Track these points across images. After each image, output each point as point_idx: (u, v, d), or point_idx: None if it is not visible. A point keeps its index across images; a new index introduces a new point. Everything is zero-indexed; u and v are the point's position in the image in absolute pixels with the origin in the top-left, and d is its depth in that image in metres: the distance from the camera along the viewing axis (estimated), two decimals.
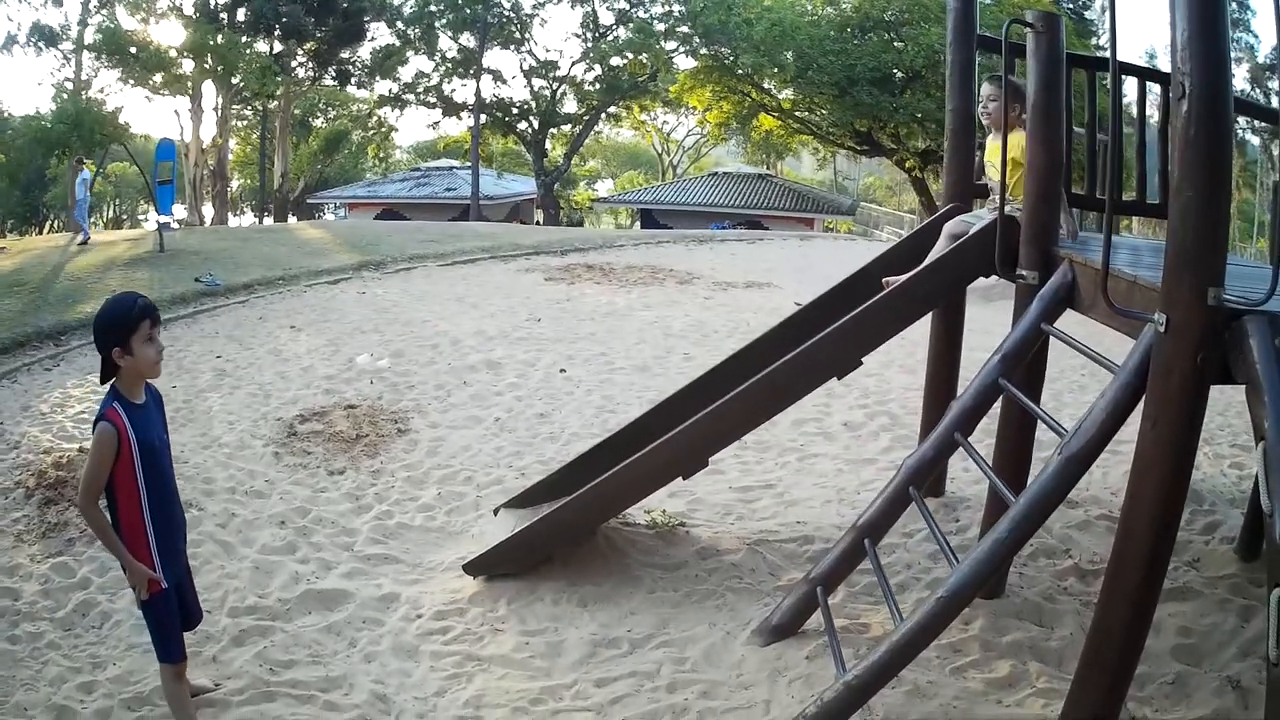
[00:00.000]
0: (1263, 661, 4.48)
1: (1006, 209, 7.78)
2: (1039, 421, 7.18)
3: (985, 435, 8.27)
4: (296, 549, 9.12)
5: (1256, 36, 70.18)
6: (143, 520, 6.00)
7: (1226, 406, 13.55)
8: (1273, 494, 4.48)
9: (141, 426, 5.94)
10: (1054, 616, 7.89)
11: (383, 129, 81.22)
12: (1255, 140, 54.28)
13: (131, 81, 54.32)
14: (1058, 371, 14.92)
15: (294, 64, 63.61)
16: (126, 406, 5.91)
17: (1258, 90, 68.57)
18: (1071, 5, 64.14)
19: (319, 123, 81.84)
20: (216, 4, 58.01)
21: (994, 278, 8.39)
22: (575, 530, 8.71)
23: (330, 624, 7.80)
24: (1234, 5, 68.88)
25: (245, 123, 77.37)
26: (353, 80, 68.37)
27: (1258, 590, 8.14)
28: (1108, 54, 6.28)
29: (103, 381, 6.02)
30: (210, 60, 53.65)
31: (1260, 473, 4.64)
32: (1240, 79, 69.74)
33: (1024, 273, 7.67)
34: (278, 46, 61.44)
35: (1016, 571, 8.56)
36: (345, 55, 65.80)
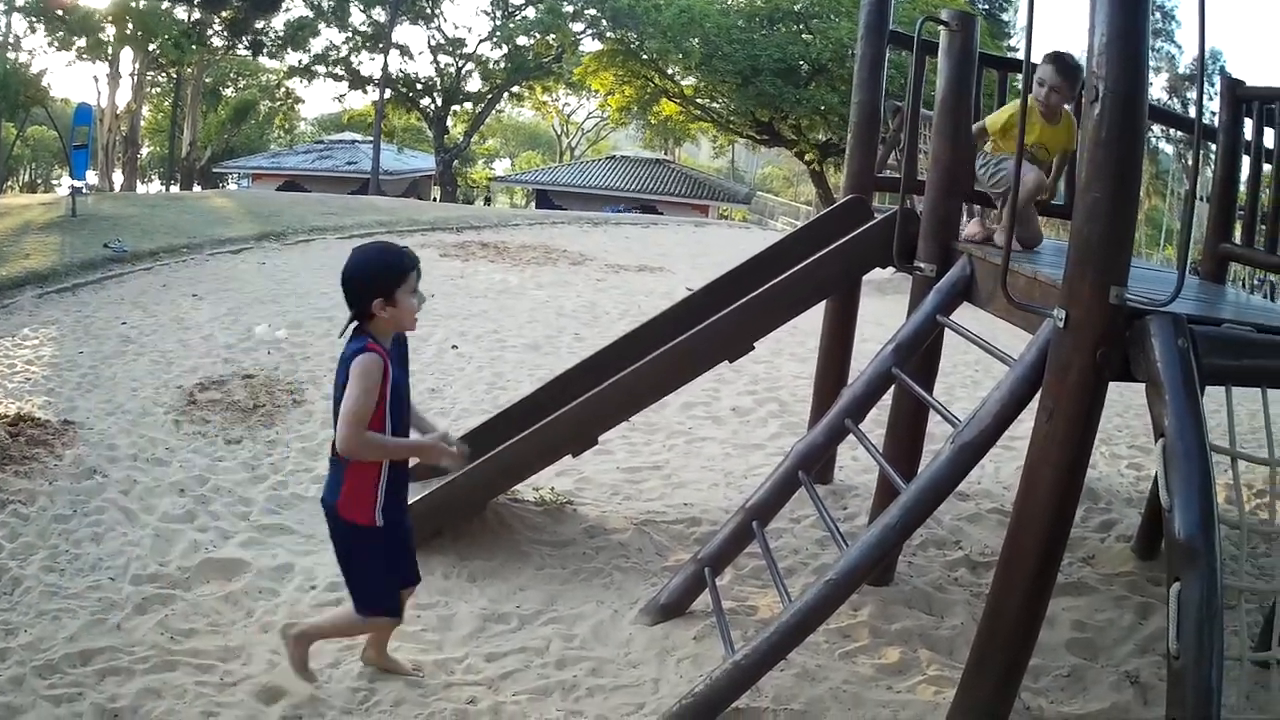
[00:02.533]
0: (1162, 658, 4.54)
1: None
2: (930, 414, 7.30)
3: (876, 426, 8.36)
4: (196, 517, 9.02)
5: (1179, 47, 71.61)
6: (379, 464, 5.92)
7: (1126, 408, 13.82)
8: (1171, 489, 4.59)
9: (396, 363, 5.89)
10: (944, 606, 7.99)
11: (290, 100, 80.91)
12: (1169, 149, 54.97)
13: (56, 45, 53.58)
14: (950, 366, 15.09)
15: (210, 32, 62.94)
16: (380, 346, 5.80)
17: (1175, 99, 69.87)
18: (986, 6, 64.77)
19: (229, 92, 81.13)
20: None
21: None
22: (464, 505, 8.67)
23: (228, 593, 7.72)
24: (1158, 16, 69.92)
25: (158, 90, 76.62)
26: (265, 50, 67.55)
27: (1155, 588, 8.30)
28: (1021, 55, 6.33)
29: (342, 335, 5.99)
30: (131, 25, 52.99)
31: (1160, 469, 4.74)
32: (1158, 88, 70.97)
33: (922, 265, 7.75)
34: (196, 14, 60.77)
35: (906, 560, 8.67)
36: (259, 25, 65.10)
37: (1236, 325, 5.53)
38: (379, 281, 5.79)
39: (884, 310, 16.07)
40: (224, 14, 62.24)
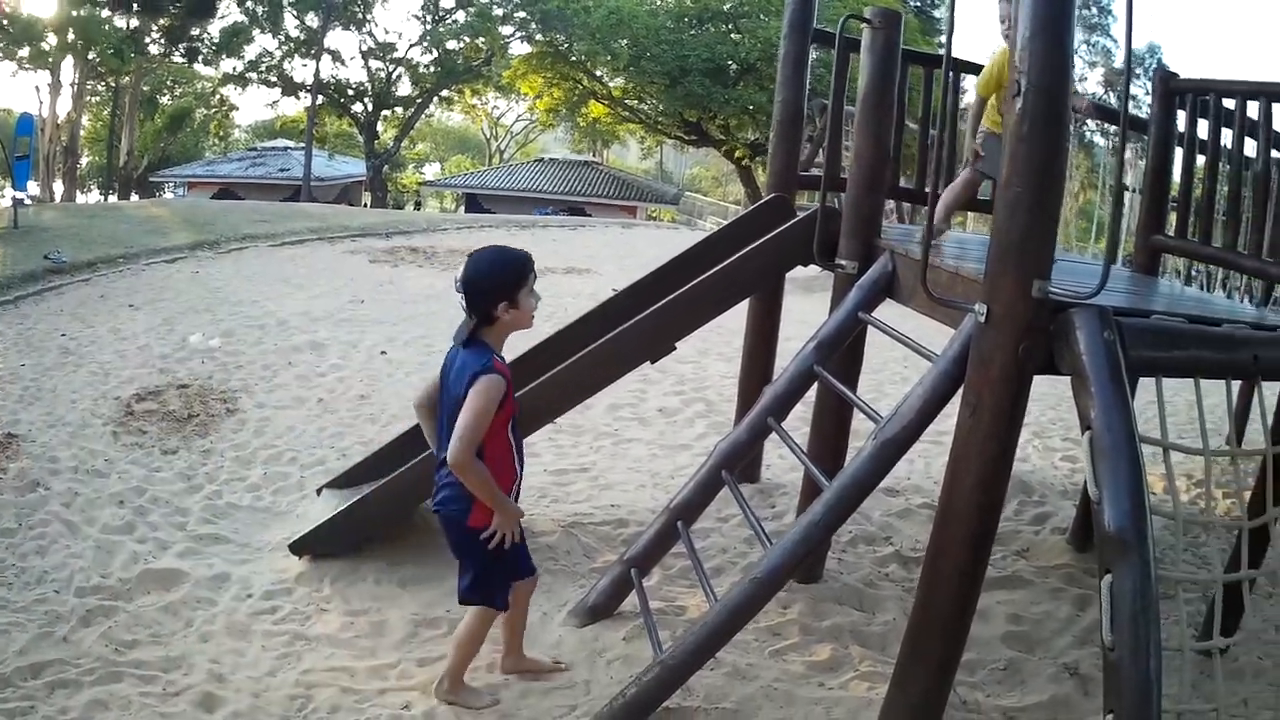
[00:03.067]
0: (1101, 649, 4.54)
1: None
2: (855, 411, 7.28)
3: (802, 424, 8.36)
4: (135, 528, 9.01)
5: (1115, 41, 72.13)
6: (513, 476, 6.08)
7: (1060, 400, 13.91)
8: (1100, 482, 4.59)
9: (512, 382, 5.91)
10: (875, 602, 8.04)
11: (224, 107, 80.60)
12: (1104, 143, 55.41)
13: (1, 55, 53.32)
14: (880, 363, 15.22)
15: (148, 39, 62.55)
16: (503, 362, 5.87)
17: (1112, 94, 70.64)
18: (917, 3, 65.08)
19: (165, 100, 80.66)
20: None
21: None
22: (393, 511, 8.65)
23: (168, 604, 7.72)
24: (1095, 10, 70.58)
25: (97, 99, 76.09)
26: (201, 57, 67.08)
27: (1091, 580, 8.28)
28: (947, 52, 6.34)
29: (467, 341, 5.92)
30: (72, 33, 52.76)
31: (1087, 461, 4.74)
32: (1094, 83, 71.65)
33: (843, 263, 7.75)
34: (134, 21, 60.43)
35: (835, 557, 8.71)
36: (196, 32, 64.70)
37: (1167, 317, 5.54)
38: (504, 284, 5.84)
39: (809, 308, 16.03)
40: (161, 21, 61.97)
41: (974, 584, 5.56)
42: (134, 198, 61.48)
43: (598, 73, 64.10)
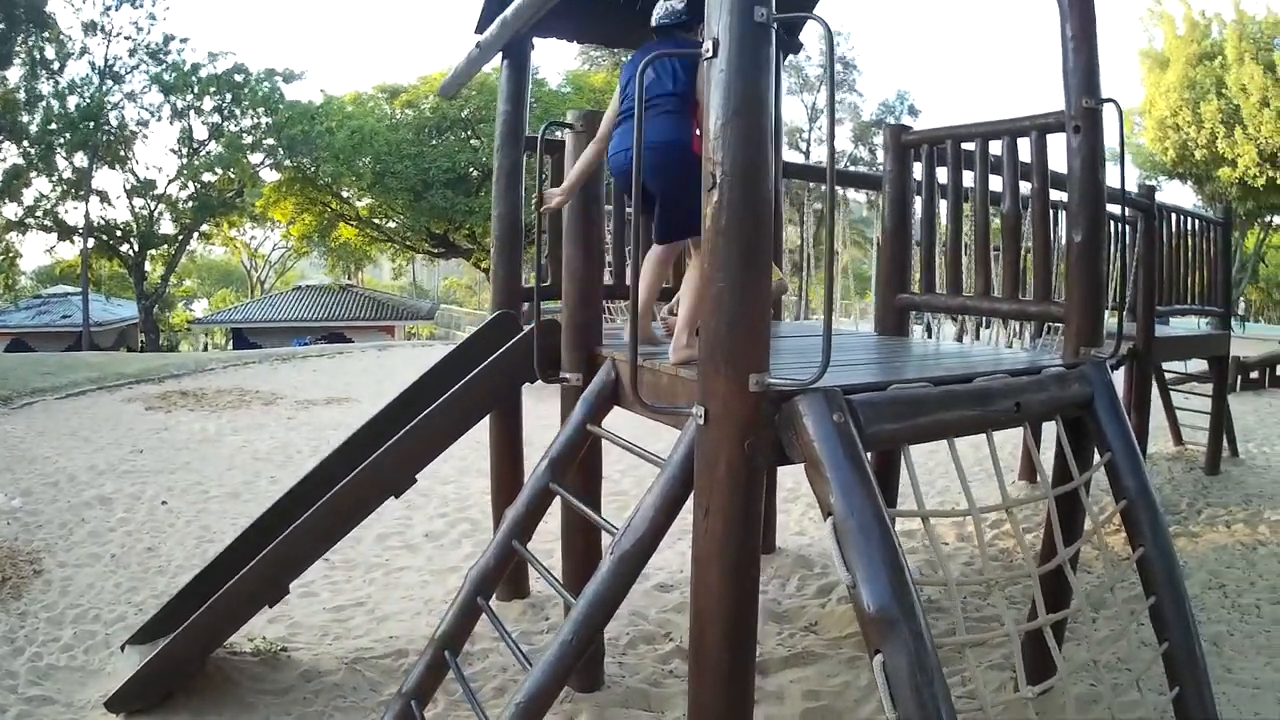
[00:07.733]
0: None
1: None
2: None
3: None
4: None
5: (861, 95, 73.84)
6: None
7: None
8: (851, 566, 4.61)
9: None
10: (662, 700, 8.05)
11: (10, 255, 79.91)
12: (860, 198, 56.78)
13: None
14: (637, 461, 15.24)
15: None
16: None
17: (862, 147, 72.08)
18: None
19: None
20: None
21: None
22: (183, 664, 8.56)
23: None
24: (840, 67, 72.21)
25: None
26: None
27: None
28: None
29: (668, 28, 7.13)
30: None
31: (833, 546, 4.74)
32: (843, 138, 73.25)
33: (567, 376, 7.80)
34: None
35: (615, 661, 8.72)
36: None
37: (909, 385, 5.57)
38: None
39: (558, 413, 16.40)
40: None
41: (743, 677, 5.47)
42: None
43: (344, 194, 64.83)
